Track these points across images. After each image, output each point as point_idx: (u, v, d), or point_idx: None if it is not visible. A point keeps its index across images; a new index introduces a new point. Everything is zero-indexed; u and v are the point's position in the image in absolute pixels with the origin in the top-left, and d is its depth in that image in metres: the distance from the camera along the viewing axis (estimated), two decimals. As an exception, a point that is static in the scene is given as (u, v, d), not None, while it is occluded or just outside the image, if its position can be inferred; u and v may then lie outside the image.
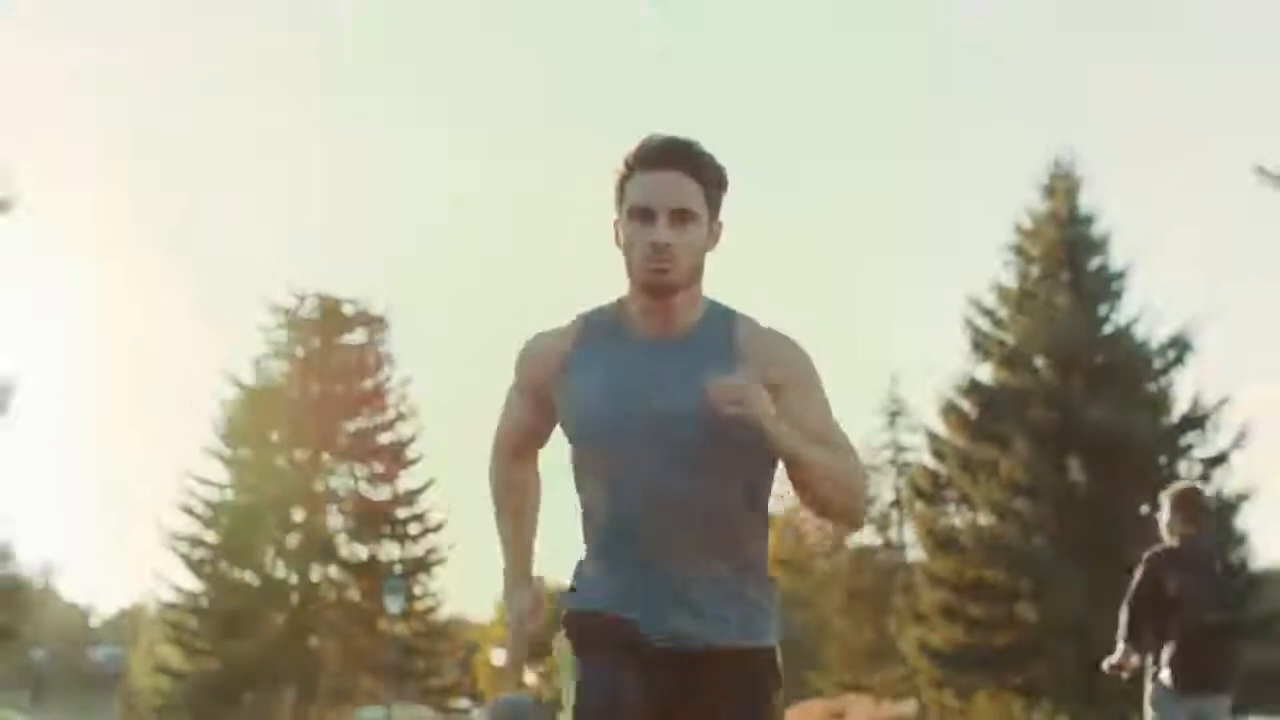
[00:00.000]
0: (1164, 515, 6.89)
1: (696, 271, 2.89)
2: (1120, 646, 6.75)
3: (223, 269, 77.67)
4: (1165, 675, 6.72)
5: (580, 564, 3.02)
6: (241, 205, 78.19)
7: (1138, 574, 6.82)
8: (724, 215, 2.94)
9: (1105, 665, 6.76)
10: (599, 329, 2.96)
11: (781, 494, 45.26)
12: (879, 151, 73.84)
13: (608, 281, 3.03)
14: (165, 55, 79.28)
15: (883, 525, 41.08)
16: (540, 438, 3.10)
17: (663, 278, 2.83)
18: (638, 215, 2.83)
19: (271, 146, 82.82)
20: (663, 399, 2.85)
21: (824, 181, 75.64)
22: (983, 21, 71.41)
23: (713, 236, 2.91)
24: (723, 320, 2.94)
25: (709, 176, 2.87)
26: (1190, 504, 6.81)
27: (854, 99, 76.95)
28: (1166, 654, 6.71)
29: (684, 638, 2.86)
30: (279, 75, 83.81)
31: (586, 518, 2.98)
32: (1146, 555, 6.85)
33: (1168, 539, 6.86)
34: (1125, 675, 6.82)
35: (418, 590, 37.81)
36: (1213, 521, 7.04)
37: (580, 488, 2.98)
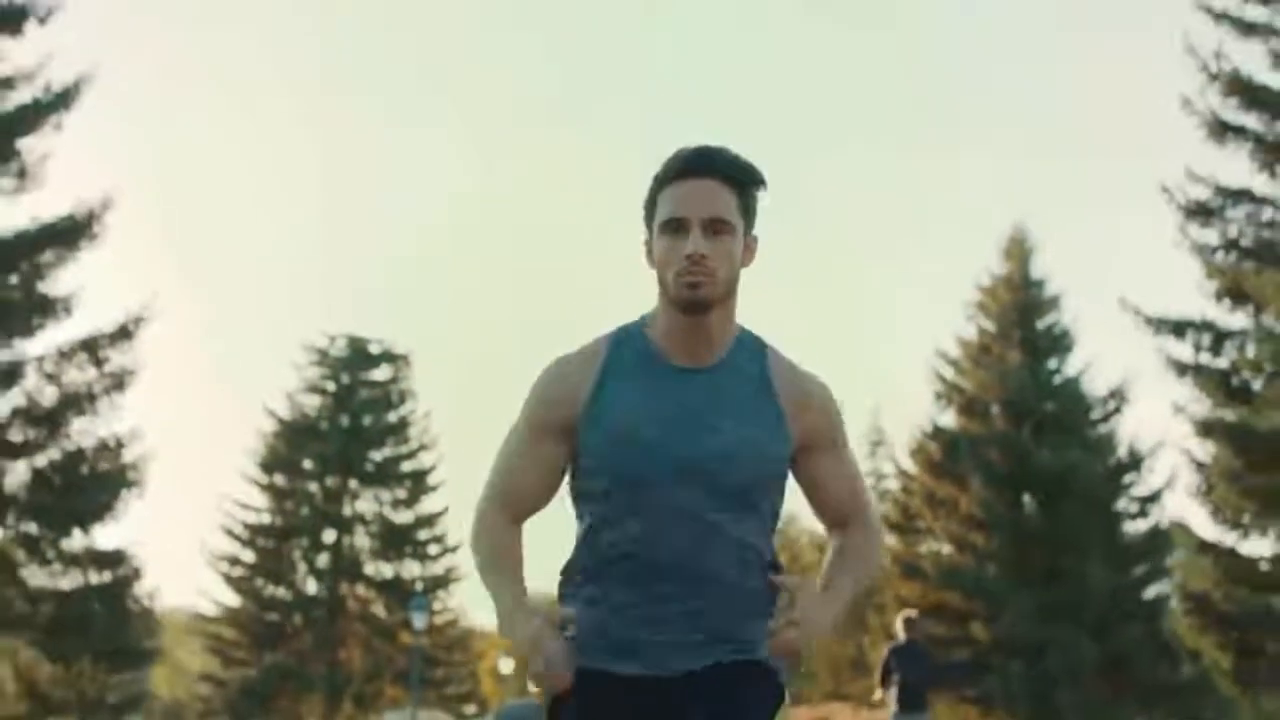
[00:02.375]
0: (898, 627, 13.75)
1: (732, 286, 2.80)
2: (879, 689, 13.56)
3: (252, 297, 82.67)
4: (894, 706, 13.38)
5: (581, 600, 2.91)
6: (271, 240, 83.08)
7: (883, 654, 13.62)
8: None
9: (874, 697, 12.76)
10: (627, 353, 2.86)
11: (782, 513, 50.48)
12: (885, 175, 78.95)
13: (626, 311, 2.96)
14: (163, 66, 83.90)
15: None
16: (550, 494, 2.94)
17: (698, 292, 2.74)
18: (670, 228, 2.76)
19: (285, 172, 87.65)
20: (708, 438, 2.78)
21: (834, 205, 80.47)
22: (964, 93, 77.17)
23: (749, 251, 2.84)
24: (756, 350, 2.88)
25: (743, 185, 2.80)
26: (907, 624, 13.76)
27: (866, 131, 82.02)
28: (894, 693, 13.39)
29: (707, 657, 2.83)
30: (280, 89, 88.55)
31: (600, 558, 2.87)
32: (887, 648, 13.67)
33: (900, 638, 13.67)
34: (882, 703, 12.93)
35: (437, 606, 42.80)
36: (917, 628, 13.74)
37: (597, 527, 2.87)
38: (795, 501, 2.92)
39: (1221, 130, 20.64)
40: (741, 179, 2.79)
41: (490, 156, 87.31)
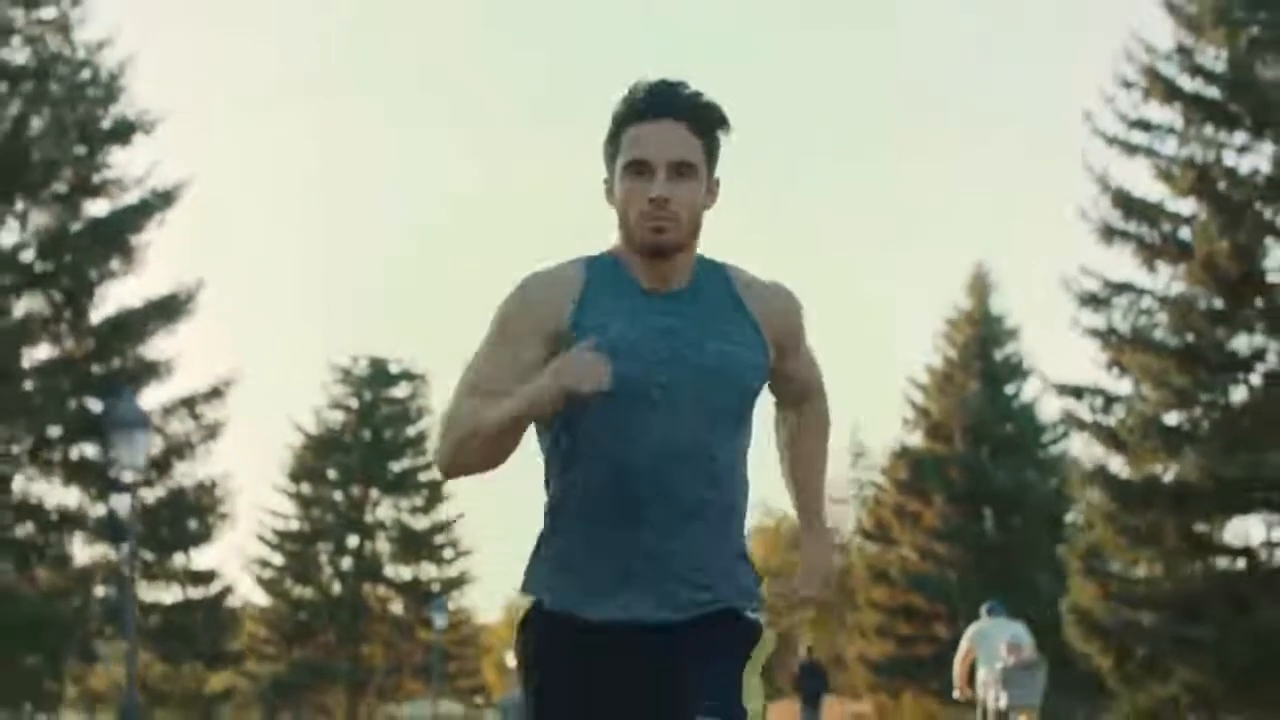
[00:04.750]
0: (802, 653, 20.80)
1: (696, 228, 2.91)
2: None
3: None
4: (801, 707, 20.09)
5: (552, 542, 2.98)
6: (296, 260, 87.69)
7: (795, 672, 20.70)
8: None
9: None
10: (605, 275, 2.95)
11: (773, 510, 56.91)
12: (882, 177, 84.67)
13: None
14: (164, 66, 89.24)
15: (846, 552, 53.11)
16: None
17: (662, 237, 2.86)
18: (632, 171, 2.86)
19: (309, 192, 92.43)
20: (695, 356, 2.88)
21: (826, 197, 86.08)
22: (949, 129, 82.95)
23: (711, 194, 2.94)
24: (717, 272, 3.00)
25: (708, 126, 2.91)
26: (809, 651, 21.58)
27: (861, 134, 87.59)
28: (802, 697, 20.05)
29: (685, 609, 2.91)
30: (287, 95, 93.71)
31: (579, 484, 2.93)
32: (798, 666, 20.77)
33: (803, 658, 20.49)
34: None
35: (451, 605, 48.64)
36: (814, 654, 20.55)
37: (578, 448, 2.93)
38: (784, 500, 2.95)
39: (1110, 234, 27.03)
40: (706, 122, 2.91)
41: (490, 156, 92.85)
